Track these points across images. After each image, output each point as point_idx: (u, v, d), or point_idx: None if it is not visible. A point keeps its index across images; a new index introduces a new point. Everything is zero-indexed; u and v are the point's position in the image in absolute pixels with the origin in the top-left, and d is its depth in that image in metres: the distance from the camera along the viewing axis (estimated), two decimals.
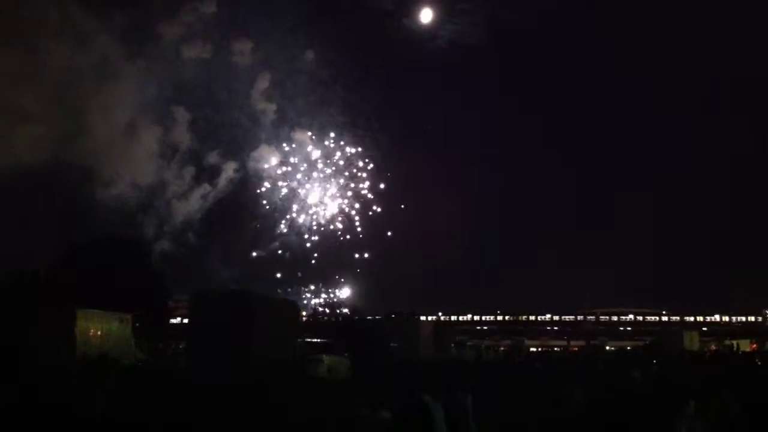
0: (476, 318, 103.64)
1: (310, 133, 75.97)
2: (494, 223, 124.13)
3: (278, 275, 77.41)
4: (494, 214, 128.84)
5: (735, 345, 59.77)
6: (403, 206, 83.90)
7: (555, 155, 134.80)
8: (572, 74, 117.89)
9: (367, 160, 79.11)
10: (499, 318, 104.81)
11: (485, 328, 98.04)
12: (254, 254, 75.77)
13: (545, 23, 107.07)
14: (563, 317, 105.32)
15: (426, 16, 73.55)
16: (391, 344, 40.05)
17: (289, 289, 76.13)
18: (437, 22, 75.50)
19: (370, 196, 79.68)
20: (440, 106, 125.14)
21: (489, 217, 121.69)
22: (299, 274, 78.83)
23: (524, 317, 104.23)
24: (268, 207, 76.98)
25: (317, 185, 78.50)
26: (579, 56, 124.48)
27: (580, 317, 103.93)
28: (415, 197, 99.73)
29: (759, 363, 29.20)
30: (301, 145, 76.75)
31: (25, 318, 26.71)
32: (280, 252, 77.10)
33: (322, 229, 78.68)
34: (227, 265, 71.02)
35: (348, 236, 79.33)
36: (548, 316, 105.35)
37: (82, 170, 60.97)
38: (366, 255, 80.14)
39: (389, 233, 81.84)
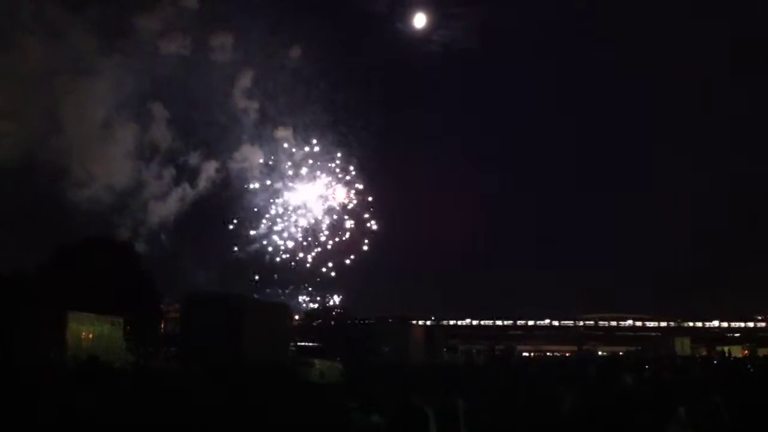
0: (469, 323, 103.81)
1: (293, 132, 74.61)
2: (490, 227, 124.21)
3: (258, 277, 76.35)
4: (490, 217, 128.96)
5: (726, 351, 60.00)
6: (392, 209, 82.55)
7: (553, 157, 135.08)
8: (568, 76, 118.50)
9: (355, 161, 78.11)
10: (493, 323, 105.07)
11: (479, 332, 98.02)
12: (234, 254, 74.42)
13: (539, 28, 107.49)
14: (555, 322, 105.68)
15: (419, 20, 73.62)
16: (383, 348, 39.99)
17: (268, 290, 74.72)
18: (431, 27, 75.43)
19: (357, 197, 78.65)
20: (436, 108, 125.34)
21: (484, 220, 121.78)
22: (275, 276, 77.22)
23: (517, 322, 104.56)
24: (249, 208, 75.65)
25: (301, 185, 77.32)
26: (575, 59, 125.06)
27: (571, 323, 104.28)
28: (408, 200, 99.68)
29: (750, 369, 29.29)
30: (284, 145, 75.45)
31: (15, 320, 26.56)
32: (264, 249, 75.91)
33: (308, 230, 77.65)
34: (206, 267, 69.61)
35: (335, 238, 78.25)
36: (541, 321, 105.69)
37: (56, 170, 59.41)
38: (354, 257, 78.97)
39: (378, 236, 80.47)
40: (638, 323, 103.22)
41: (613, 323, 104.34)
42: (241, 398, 17.00)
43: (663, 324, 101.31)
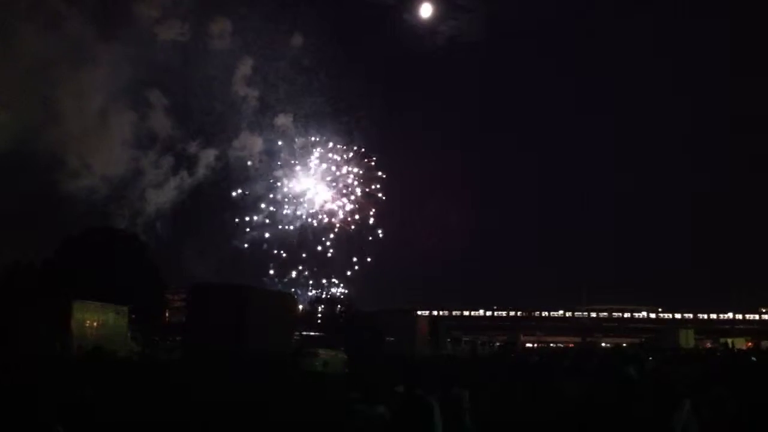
0: (473, 313, 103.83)
1: (293, 120, 73.67)
2: (495, 219, 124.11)
3: (265, 267, 75.90)
4: (494, 209, 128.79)
5: (730, 343, 59.89)
6: (394, 201, 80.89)
7: (555, 151, 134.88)
8: (572, 72, 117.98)
9: (355, 150, 77.41)
10: (496, 314, 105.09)
11: (483, 323, 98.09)
12: (233, 243, 73.85)
13: (544, 20, 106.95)
14: (560, 313, 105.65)
15: (426, 11, 73.00)
16: (388, 339, 40.06)
17: (265, 279, 74.11)
18: (437, 18, 74.70)
19: (358, 187, 77.98)
20: (438, 101, 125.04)
21: (488, 212, 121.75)
22: (271, 265, 76.66)
23: (521, 313, 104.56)
24: (248, 196, 74.92)
25: (302, 175, 76.53)
26: (579, 53, 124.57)
27: (576, 314, 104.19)
28: (411, 192, 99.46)
29: (755, 360, 29.23)
30: (285, 134, 74.58)
31: (21, 309, 26.69)
32: (262, 238, 75.31)
33: (308, 219, 77.00)
34: (205, 255, 68.81)
35: (335, 228, 77.72)
36: (546, 312, 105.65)
37: (52, 159, 58.44)
38: (355, 248, 78.48)
39: (380, 228, 79.84)
40: (642, 315, 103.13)
41: (617, 315, 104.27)
42: (245, 389, 17.05)
43: (667, 316, 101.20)
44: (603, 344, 78.27)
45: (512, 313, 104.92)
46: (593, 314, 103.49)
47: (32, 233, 56.83)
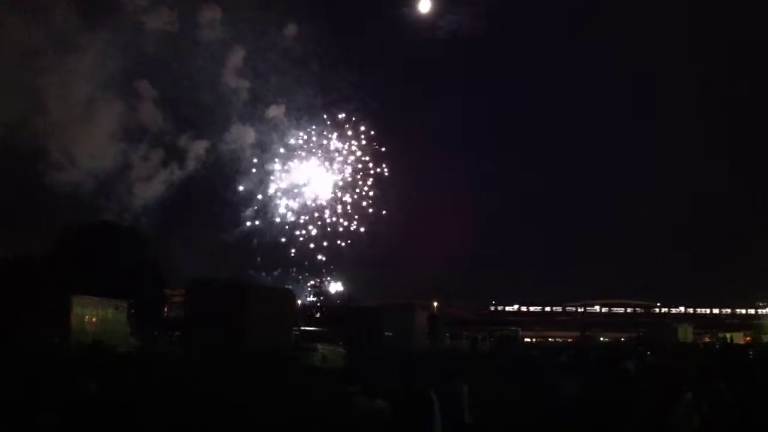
0: (472, 308, 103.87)
1: (285, 112, 72.58)
2: (491, 214, 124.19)
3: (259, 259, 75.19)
4: (491, 204, 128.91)
5: (729, 337, 60.00)
6: (388, 195, 79.36)
7: (555, 146, 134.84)
8: (574, 68, 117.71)
9: (352, 143, 76.63)
10: (494, 308, 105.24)
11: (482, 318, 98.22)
12: (221, 237, 72.92)
13: (545, 16, 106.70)
14: (558, 308, 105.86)
15: (425, 5, 72.50)
16: (386, 333, 40.08)
17: (251, 272, 73.08)
18: (437, 12, 74.04)
19: (355, 179, 77.08)
20: (439, 97, 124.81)
21: (485, 208, 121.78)
22: (258, 259, 75.56)
23: (520, 308, 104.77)
24: (240, 189, 73.87)
25: (294, 167, 75.80)
26: (580, 49, 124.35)
27: (574, 309, 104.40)
28: (410, 190, 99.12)
29: (752, 354, 29.31)
30: (277, 126, 73.61)
31: (20, 304, 26.70)
32: (252, 232, 74.49)
33: (299, 213, 76.13)
34: (195, 249, 67.71)
35: (328, 222, 76.89)
36: (544, 307, 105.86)
37: (38, 152, 57.43)
38: (349, 242, 77.61)
39: (373, 222, 78.91)
40: (640, 309, 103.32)
41: (616, 309, 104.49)
42: (245, 383, 17.06)
43: (665, 310, 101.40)
44: (602, 339, 78.43)
45: (511, 308, 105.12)
46: (592, 309, 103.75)
47: (22, 228, 56.24)
